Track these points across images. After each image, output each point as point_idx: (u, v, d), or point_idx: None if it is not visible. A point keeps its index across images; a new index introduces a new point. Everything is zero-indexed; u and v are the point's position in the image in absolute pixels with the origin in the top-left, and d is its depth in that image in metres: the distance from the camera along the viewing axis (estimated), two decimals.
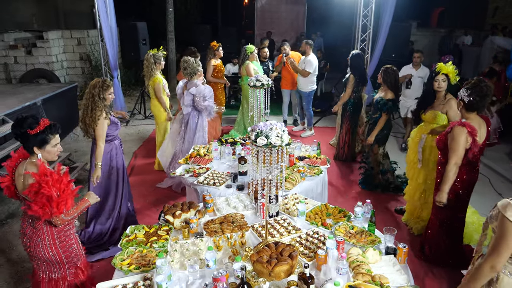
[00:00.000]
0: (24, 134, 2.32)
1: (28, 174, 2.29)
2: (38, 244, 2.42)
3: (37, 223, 2.40)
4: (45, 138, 2.37)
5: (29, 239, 2.45)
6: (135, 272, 2.38)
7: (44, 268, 2.54)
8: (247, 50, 6.60)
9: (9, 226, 4.38)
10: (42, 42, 9.50)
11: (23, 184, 2.34)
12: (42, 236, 2.42)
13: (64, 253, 2.51)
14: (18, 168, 2.41)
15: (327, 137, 7.32)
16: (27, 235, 2.46)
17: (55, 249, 2.45)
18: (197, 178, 3.70)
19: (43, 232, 2.42)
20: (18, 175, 2.37)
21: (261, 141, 2.23)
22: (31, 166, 2.35)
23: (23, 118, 2.35)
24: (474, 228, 4.02)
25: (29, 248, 2.47)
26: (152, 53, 5.21)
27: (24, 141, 2.35)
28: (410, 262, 3.50)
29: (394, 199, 4.92)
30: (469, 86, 3.12)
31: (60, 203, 2.28)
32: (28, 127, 2.31)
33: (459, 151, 3.07)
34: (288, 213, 3.11)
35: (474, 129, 3.06)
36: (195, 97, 4.74)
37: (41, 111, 6.13)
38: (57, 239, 2.46)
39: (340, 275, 2.27)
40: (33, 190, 2.24)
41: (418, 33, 13.14)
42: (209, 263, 2.37)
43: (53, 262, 2.50)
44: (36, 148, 2.36)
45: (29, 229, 2.46)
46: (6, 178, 2.43)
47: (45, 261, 2.50)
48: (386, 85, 4.67)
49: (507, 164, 6.07)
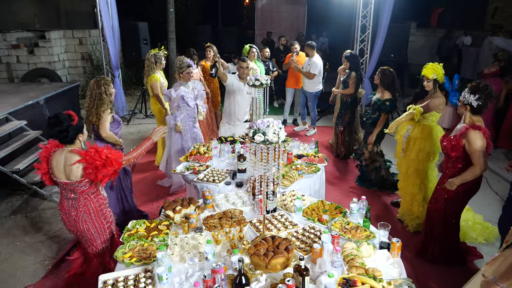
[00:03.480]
0: (67, 128, 2.60)
1: (78, 163, 2.56)
2: (85, 221, 2.73)
3: (79, 203, 2.69)
4: (82, 124, 2.74)
5: (75, 219, 2.72)
6: (136, 264, 2.46)
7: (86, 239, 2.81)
8: (243, 50, 6.67)
9: (14, 221, 4.46)
10: (44, 42, 9.58)
11: (69, 173, 2.60)
12: (87, 212, 2.72)
13: (107, 223, 2.85)
14: (54, 157, 2.65)
15: (326, 136, 7.40)
16: (72, 216, 2.73)
17: (98, 221, 2.78)
18: (197, 175, 3.77)
19: (88, 209, 2.72)
20: (57, 163, 2.63)
21: (258, 138, 2.31)
22: (72, 155, 2.60)
23: (56, 117, 2.61)
24: (469, 226, 4.08)
25: (75, 227, 2.75)
26: (153, 53, 5.26)
27: (67, 134, 2.61)
28: (410, 262, 3.59)
29: (390, 196, 5.00)
30: (475, 90, 3.10)
31: (113, 160, 2.59)
32: (68, 121, 2.60)
33: (481, 156, 3.06)
34: (286, 209, 3.19)
35: (487, 131, 3.10)
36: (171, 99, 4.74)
37: (44, 110, 6.21)
38: (99, 212, 2.78)
39: (335, 268, 2.34)
40: (91, 171, 2.55)
41: (418, 33, 13.19)
42: (208, 256, 2.45)
43: (97, 233, 2.80)
44: (80, 135, 2.69)
45: (72, 211, 2.72)
46: (42, 166, 2.69)
47: (91, 233, 2.78)
48: (383, 86, 4.73)
49: (504, 163, 6.13)
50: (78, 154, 2.58)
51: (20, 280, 3.50)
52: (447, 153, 3.30)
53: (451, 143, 3.23)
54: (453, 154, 3.22)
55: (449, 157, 3.30)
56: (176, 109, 4.78)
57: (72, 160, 2.57)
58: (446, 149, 3.28)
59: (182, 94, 4.66)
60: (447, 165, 3.40)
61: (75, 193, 2.68)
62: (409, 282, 2.29)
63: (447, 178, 3.35)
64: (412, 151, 4.15)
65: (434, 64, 3.98)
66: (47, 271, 3.59)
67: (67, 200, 2.73)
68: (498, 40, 10.43)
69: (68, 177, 2.63)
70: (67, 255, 3.79)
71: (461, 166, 3.25)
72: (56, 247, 3.97)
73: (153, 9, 14.73)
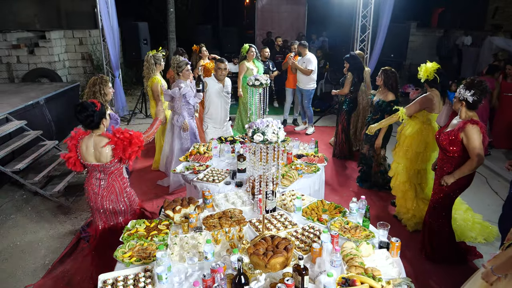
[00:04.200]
0: (92, 114, 2.81)
1: (107, 146, 2.83)
2: (112, 200, 2.99)
3: (107, 183, 2.96)
4: (105, 110, 2.93)
5: (102, 198, 2.97)
6: (136, 264, 2.46)
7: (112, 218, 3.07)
8: (242, 50, 6.70)
9: (14, 221, 4.47)
10: (44, 42, 9.59)
11: (99, 156, 2.84)
12: (114, 192, 3.00)
13: (129, 202, 3.11)
14: (83, 142, 2.87)
15: (326, 136, 7.41)
16: (101, 195, 2.97)
17: (123, 200, 3.05)
18: (197, 175, 3.78)
19: (115, 188, 3.00)
20: (87, 147, 2.85)
21: (257, 137, 2.31)
22: (101, 138, 2.86)
23: (81, 105, 2.83)
24: (468, 226, 4.08)
25: (102, 205, 2.99)
26: (151, 54, 5.24)
27: (92, 119, 2.83)
28: (409, 261, 3.59)
29: (390, 196, 4.99)
30: (470, 86, 3.14)
31: (136, 138, 2.87)
32: (92, 107, 2.82)
33: (479, 148, 3.12)
34: (285, 209, 3.19)
35: (483, 125, 3.16)
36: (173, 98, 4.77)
37: (44, 110, 6.22)
38: (124, 191, 3.06)
39: (334, 268, 2.34)
40: (120, 150, 2.83)
41: (418, 33, 13.18)
42: (207, 255, 2.46)
43: (121, 211, 3.07)
44: (103, 120, 2.90)
45: (102, 190, 2.96)
46: (71, 154, 2.90)
47: (116, 212, 3.05)
48: (386, 87, 4.70)
49: (504, 163, 6.12)
50: (106, 137, 2.85)
51: (20, 280, 3.51)
52: (444, 148, 3.32)
53: (448, 138, 3.25)
54: (450, 148, 3.25)
55: (446, 152, 3.32)
56: (178, 108, 4.82)
57: (102, 143, 2.83)
58: (443, 144, 3.30)
59: (185, 92, 4.71)
60: (442, 161, 3.41)
61: (104, 173, 2.93)
62: (408, 281, 2.29)
63: (444, 174, 3.37)
64: (401, 149, 4.25)
65: (425, 64, 4.00)
66: (47, 271, 3.60)
67: (96, 180, 2.97)
68: (498, 40, 10.43)
69: (98, 159, 2.86)
70: (67, 255, 3.81)
71: (458, 161, 3.28)
72: (56, 247, 3.97)
73: (153, 9, 14.74)
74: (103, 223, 3.10)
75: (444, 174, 3.37)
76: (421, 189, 4.28)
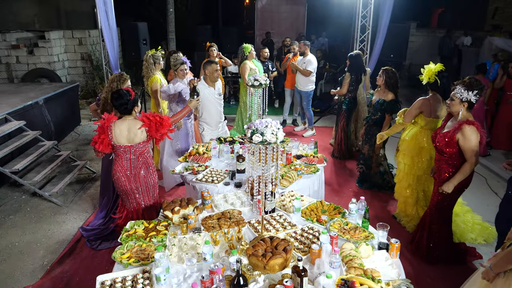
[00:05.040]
0: (127, 102, 3.12)
1: (142, 128, 3.14)
2: (144, 176, 3.27)
3: (137, 162, 3.23)
4: (137, 99, 3.22)
5: (134, 176, 3.23)
6: (134, 265, 2.45)
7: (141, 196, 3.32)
8: (244, 49, 6.67)
9: (12, 222, 4.46)
10: (44, 42, 9.58)
11: (133, 137, 3.14)
12: (145, 169, 3.28)
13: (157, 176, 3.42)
14: (117, 126, 3.13)
15: (326, 137, 7.40)
16: (132, 173, 3.23)
17: (153, 174, 3.35)
18: (196, 175, 3.77)
19: (146, 165, 3.28)
20: (120, 131, 3.12)
21: (256, 138, 2.30)
22: (136, 122, 3.17)
23: (117, 93, 3.14)
24: (468, 227, 4.07)
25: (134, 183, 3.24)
26: (150, 54, 5.23)
27: (126, 106, 3.13)
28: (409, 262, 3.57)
29: (390, 197, 4.99)
30: (471, 87, 3.11)
31: (165, 121, 3.19)
32: (127, 96, 3.12)
33: (474, 151, 3.11)
34: (285, 209, 3.18)
35: (479, 125, 3.15)
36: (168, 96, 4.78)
37: (43, 110, 6.21)
38: (153, 168, 3.35)
39: (333, 269, 2.33)
40: (153, 132, 3.15)
41: (418, 33, 13.19)
42: (206, 256, 2.45)
43: (152, 185, 3.35)
44: (135, 107, 3.19)
45: (132, 169, 3.22)
46: (103, 136, 3.10)
47: (148, 187, 3.32)
48: (387, 87, 4.67)
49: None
50: (140, 121, 3.16)
51: (18, 281, 3.49)
52: (440, 150, 3.31)
53: (444, 140, 3.24)
54: (447, 150, 3.24)
55: (442, 154, 3.31)
56: (176, 106, 4.82)
57: (137, 125, 3.14)
58: (439, 145, 3.29)
59: (180, 89, 4.69)
60: (439, 161, 3.40)
61: (134, 154, 3.19)
62: (408, 283, 2.28)
63: (442, 175, 3.35)
64: (400, 153, 4.26)
65: (428, 66, 3.95)
66: (45, 272, 3.58)
67: (127, 161, 3.21)
68: (498, 41, 10.41)
69: (132, 141, 3.15)
70: (66, 256, 3.80)
71: (456, 162, 3.27)
72: (55, 248, 3.96)
73: (153, 9, 14.74)
74: (137, 204, 3.33)
75: (442, 174, 3.36)
76: (425, 196, 4.21)
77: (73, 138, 7.35)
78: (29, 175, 4.94)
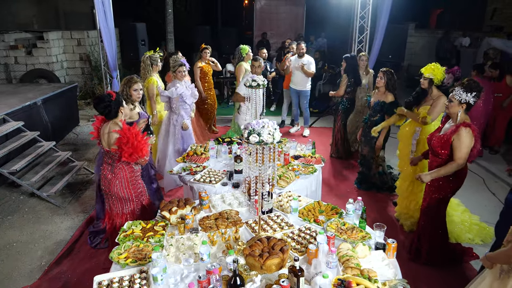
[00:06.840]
0: (109, 104, 3.01)
1: (114, 132, 3.01)
2: (117, 186, 3.15)
3: (115, 169, 3.13)
4: (121, 99, 3.12)
5: (109, 182, 3.16)
6: (131, 265, 2.46)
7: (118, 205, 3.24)
8: (241, 51, 6.69)
9: (10, 222, 4.45)
10: (42, 43, 9.57)
11: (108, 141, 3.04)
12: (120, 179, 3.15)
13: (134, 193, 3.25)
14: (102, 128, 3.10)
15: (324, 137, 7.40)
16: (108, 179, 3.17)
17: (128, 189, 3.20)
18: (194, 176, 3.77)
19: (121, 176, 3.15)
20: (103, 133, 3.07)
21: (253, 138, 2.31)
22: (114, 125, 3.06)
23: (98, 97, 3.06)
24: (466, 227, 4.07)
25: (109, 189, 3.18)
26: (148, 55, 5.22)
27: (110, 109, 3.03)
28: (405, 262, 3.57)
29: (388, 198, 5.00)
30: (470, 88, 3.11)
31: (142, 149, 3.01)
32: (108, 98, 3.01)
33: (465, 152, 3.12)
34: (282, 210, 3.19)
35: (475, 128, 3.15)
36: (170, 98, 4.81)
37: (42, 111, 6.21)
38: (129, 182, 3.20)
39: (330, 269, 2.34)
40: (123, 141, 2.96)
41: (416, 34, 13.20)
42: (203, 257, 2.45)
43: (125, 199, 3.22)
44: (121, 108, 3.09)
45: (109, 175, 3.16)
46: (95, 133, 3.18)
47: (120, 198, 3.21)
48: (388, 88, 4.64)
49: (501, 164, 6.14)
50: (119, 125, 3.07)
51: (16, 281, 3.49)
52: (434, 151, 3.32)
53: (440, 142, 3.25)
54: (442, 151, 3.25)
55: (437, 155, 3.31)
56: (177, 108, 4.85)
57: (112, 128, 3.04)
58: (435, 147, 3.30)
59: (181, 92, 4.73)
60: (432, 163, 3.41)
61: (112, 160, 3.13)
62: (404, 283, 2.29)
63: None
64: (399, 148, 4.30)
65: (436, 64, 3.95)
66: (43, 272, 3.58)
67: (108, 165, 3.18)
68: (496, 41, 10.42)
69: (108, 144, 3.06)
70: (63, 256, 3.80)
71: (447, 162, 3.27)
72: (52, 248, 3.96)
73: (151, 10, 14.72)
74: (115, 208, 3.27)
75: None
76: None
77: (72, 139, 7.34)
78: (27, 176, 4.93)
